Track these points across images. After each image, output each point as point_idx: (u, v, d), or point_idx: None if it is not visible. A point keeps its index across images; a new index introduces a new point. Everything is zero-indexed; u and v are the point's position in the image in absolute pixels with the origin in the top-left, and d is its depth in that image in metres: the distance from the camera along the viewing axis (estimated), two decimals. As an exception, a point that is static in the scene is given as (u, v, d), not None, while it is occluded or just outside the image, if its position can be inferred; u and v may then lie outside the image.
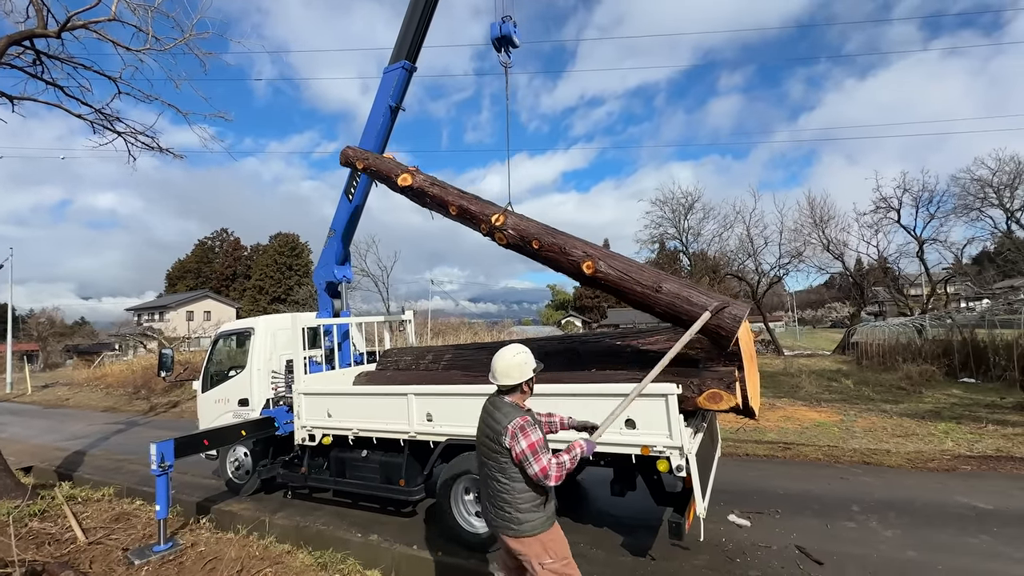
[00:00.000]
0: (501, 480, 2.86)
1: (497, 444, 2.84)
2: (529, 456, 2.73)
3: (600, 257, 4.50)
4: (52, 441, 12.01)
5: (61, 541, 5.42)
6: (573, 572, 2.92)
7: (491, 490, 2.93)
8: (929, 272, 26.42)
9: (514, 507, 2.82)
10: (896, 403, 10.94)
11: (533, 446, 2.75)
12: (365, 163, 6.03)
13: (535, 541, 2.83)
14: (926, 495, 5.61)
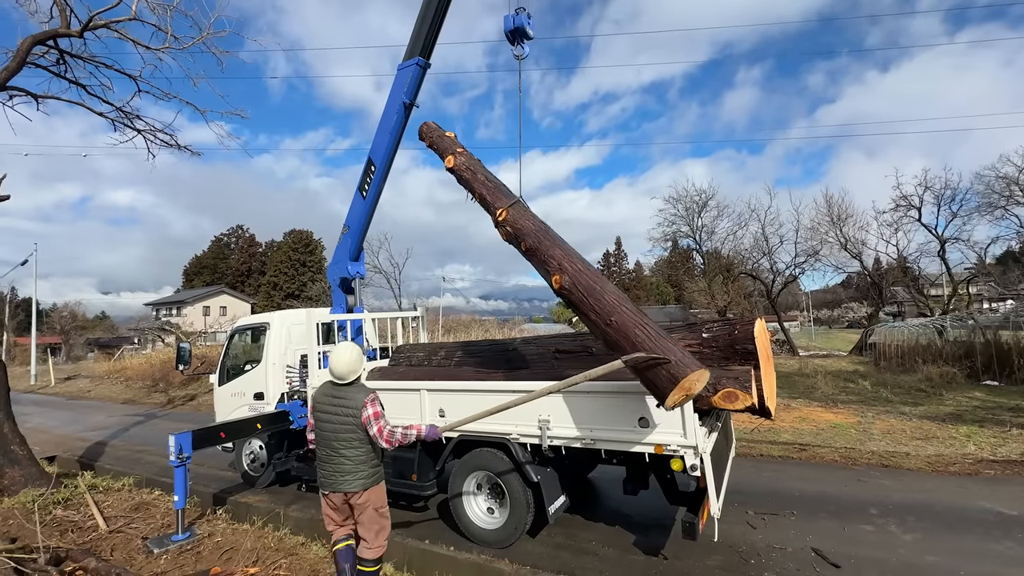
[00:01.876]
0: (357, 446, 3.68)
1: (356, 417, 3.63)
2: (373, 421, 3.61)
3: (571, 273, 4.21)
4: (74, 432, 12.32)
5: (83, 529, 5.57)
6: (388, 517, 3.92)
7: (344, 456, 3.68)
8: (951, 272, 25.77)
9: (368, 465, 3.73)
10: (916, 405, 10.71)
11: (377, 414, 3.66)
12: (431, 139, 6.04)
13: (374, 491, 3.78)
14: (947, 499, 5.49)
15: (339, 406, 3.70)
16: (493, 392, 4.90)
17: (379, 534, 3.82)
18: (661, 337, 3.73)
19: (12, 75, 7.73)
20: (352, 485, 3.67)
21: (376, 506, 3.80)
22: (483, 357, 6.43)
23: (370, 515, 3.77)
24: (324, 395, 3.83)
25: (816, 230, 26.78)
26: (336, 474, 3.69)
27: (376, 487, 3.81)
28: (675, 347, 3.70)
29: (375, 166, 7.02)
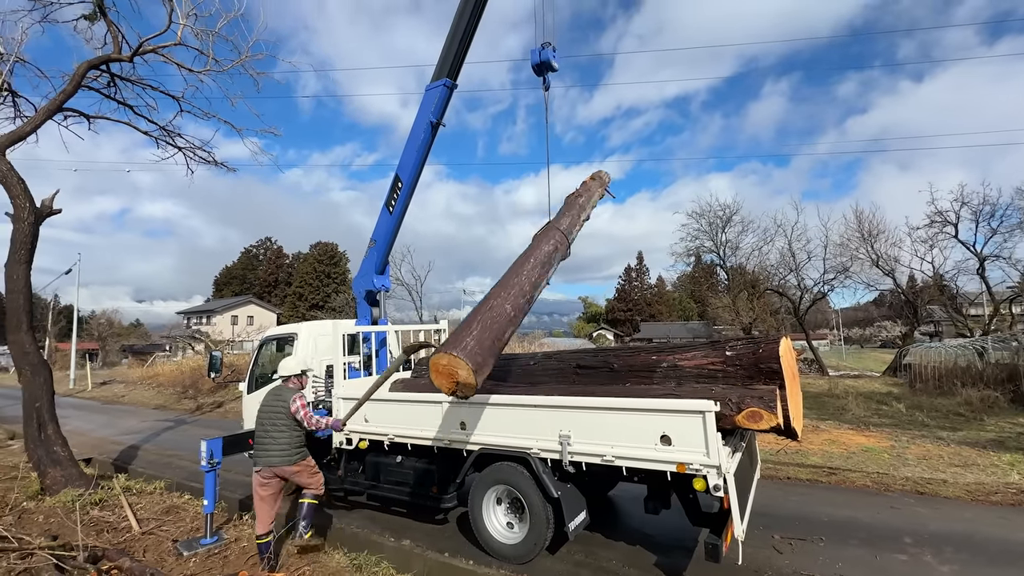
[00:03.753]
0: (285, 431, 4.86)
1: (285, 408, 4.88)
2: (300, 411, 4.86)
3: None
4: (109, 435, 12.80)
5: (118, 529, 5.79)
6: (318, 473, 5.17)
7: (274, 439, 4.85)
8: (991, 291, 24.67)
9: (292, 445, 4.89)
10: (954, 430, 10.25)
11: (304, 406, 4.90)
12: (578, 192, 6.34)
13: (303, 465, 5.01)
14: (987, 530, 5.23)
15: (276, 395, 5.01)
16: (514, 406, 4.94)
17: (315, 481, 5.10)
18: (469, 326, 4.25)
19: (68, 97, 8.28)
20: (287, 460, 4.88)
21: (308, 466, 5.08)
22: (504, 371, 6.49)
23: (304, 473, 5.05)
24: (275, 388, 5.18)
25: (846, 246, 26.08)
26: (271, 450, 4.85)
27: (304, 460, 5.06)
28: (475, 337, 4.06)
29: (402, 182, 7.23)
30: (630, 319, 68.98)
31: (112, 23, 8.45)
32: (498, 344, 4.26)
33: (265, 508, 4.86)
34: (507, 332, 4.42)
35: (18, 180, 7.40)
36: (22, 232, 7.29)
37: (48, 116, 8.21)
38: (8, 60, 8.41)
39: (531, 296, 4.79)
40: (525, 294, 4.72)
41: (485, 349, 4.08)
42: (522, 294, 4.69)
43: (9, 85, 8.68)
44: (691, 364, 4.96)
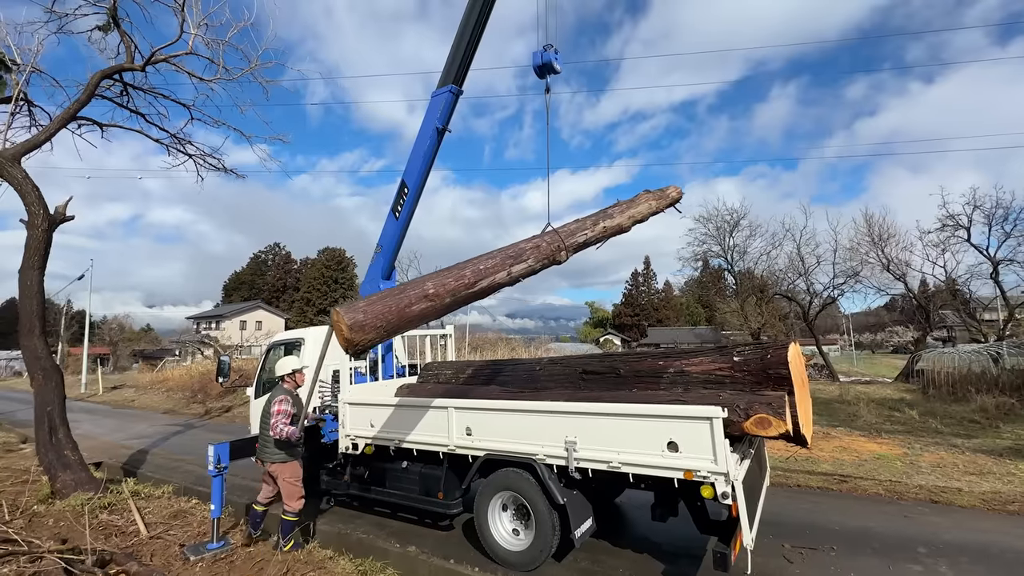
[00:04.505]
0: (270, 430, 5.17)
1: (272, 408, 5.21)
2: (275, 415, 5.12)
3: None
4: (119, 439, 12.91)
5: (126, 533, 5.82)
6: (300, 486, 5.33)
7: (266, 437, 5.23)
8: (1006, 295, 24.26)
9: (275, 445, 5.20)
10: (969, 437, 10.06)
11: (279, 411, 5.14)
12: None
13: (286, 467, 5.26)
14: (1005, 540, 5.11)
15: (270, 399, 5.33)
16: (520, 411, 4.92)
17: (290, 498, 5.24)
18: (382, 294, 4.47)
19: (82, 106, 8.44)
20: (270, 458, 5.25)
21: (285, 478, 5.24)
22: (510, 376, 6.48)
23: (283, 484, 5.25)
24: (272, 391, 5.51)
25: (856, 250, 25.81)
26: (262, 447, 5.33)
27: (285, 464, 5.26)
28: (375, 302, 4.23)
29: (408, 188, 7.27)
30: (637, 324, 68.65)
31: (125, 33, 8.62)
32: (395, 315, 4.18)
33: (265, 487, 5.50)
34: (415, 307, 4.28)
35: (33, 187, 7.53)
36: (36, 238, 7.41)
37: (62, 125, 8.36)
38: (24, 70, 8.59)
39: (472, 283, 4.53)
40: (462, 279, 4.51)
41: (373, 314, 4.10)
42: (458, 278, 4.50)
43: (25, 94, 8.85)
44: (698, 370, 4.92)
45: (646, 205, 5.74)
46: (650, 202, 5.78)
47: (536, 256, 4.97)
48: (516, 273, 4.93)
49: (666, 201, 5.91)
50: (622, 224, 5.51)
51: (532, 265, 4.97)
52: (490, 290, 4.84)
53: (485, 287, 4.70)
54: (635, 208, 5.67)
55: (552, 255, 4.95)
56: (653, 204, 5.79)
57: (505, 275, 4.80)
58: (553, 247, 4.95)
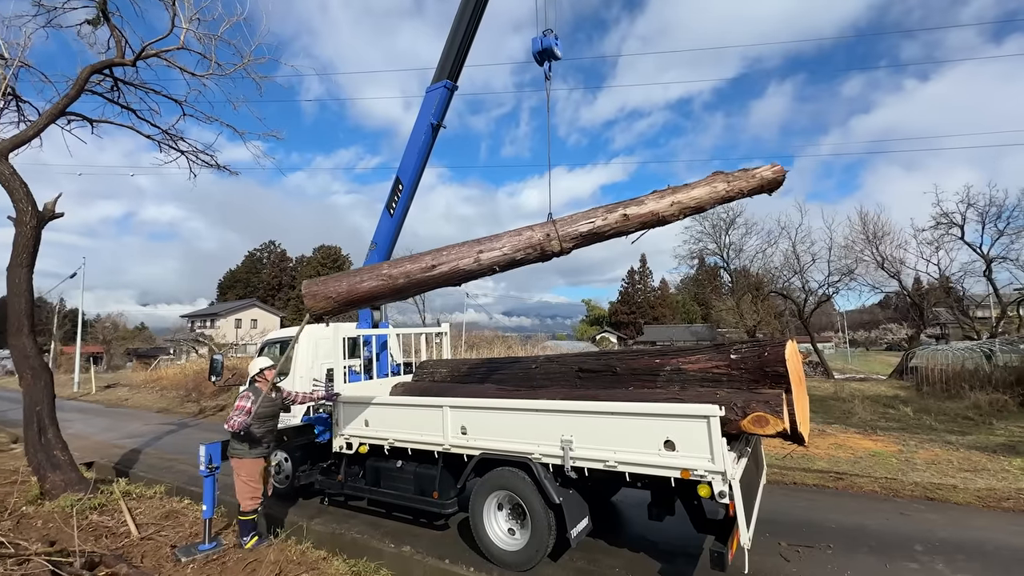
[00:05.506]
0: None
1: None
2: (233, 409, 5.12)
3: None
4: (111, 439, 12.78)
5: (117, 535, 5.74)
6: (256, 485, 5.25)
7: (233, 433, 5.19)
8: (998, 293, 24.44)
9: (235, 440, 5.25)
10: (963, 434, 10.10)
11: (239, 406, 5.10)
12: None
13: (239, 464, 5.24)
14: (1001, 537, 5.11)
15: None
16: (516, 410, 4.87)
17: (243, 497, 5.22)
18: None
19: (71, 101, 8.30)
20: (230, 452, 5.31)
21: (240, 475, 5.23)
22: (506, 374, 6.43)
23: (237, 481, 5.25)
24: None
25: (851, 248, 25.96)
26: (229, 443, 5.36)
27: (242, 460, 5.23)
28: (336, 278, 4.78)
29: (403, 185, 7.21)
30: (633, 322, 68.77)
31: (115, 27, 8.47)
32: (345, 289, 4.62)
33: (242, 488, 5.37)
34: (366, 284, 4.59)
35: (20, 184, 7.40)
36: (24, 236, 7.28)
37: (51, 120, 8.22)
38: (12, 64, 8.44)
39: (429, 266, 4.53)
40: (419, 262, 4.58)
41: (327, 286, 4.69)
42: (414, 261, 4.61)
43: (13, 89, 8.70)
44: (695, 368, 4.89)
45: (706, 189, 4.52)
46: (716, 185, 4.54)
47: (515, 244, 4.47)
48: (485, 261, 4.49)
49: (751, 183, 4.59)
50: (660, 212, 4.44)
51: (508, 253, 4.48)
52: (452, 276, 4.56)
53: (445, 272, 4.51)
54: (684, 193, 4.49)
55: (540, 244, 4.42)
56: (722, 189, 4.54)
57: (471, 262, 4.48)
58: (540, 235, 4.42)
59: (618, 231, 4.52)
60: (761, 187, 4.66)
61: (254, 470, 5.27)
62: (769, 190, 4.72)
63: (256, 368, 5.62)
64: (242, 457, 5.26)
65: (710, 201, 4.54)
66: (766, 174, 4.63)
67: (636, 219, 4.46)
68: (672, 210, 4.45)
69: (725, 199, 4.58)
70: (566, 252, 4.56)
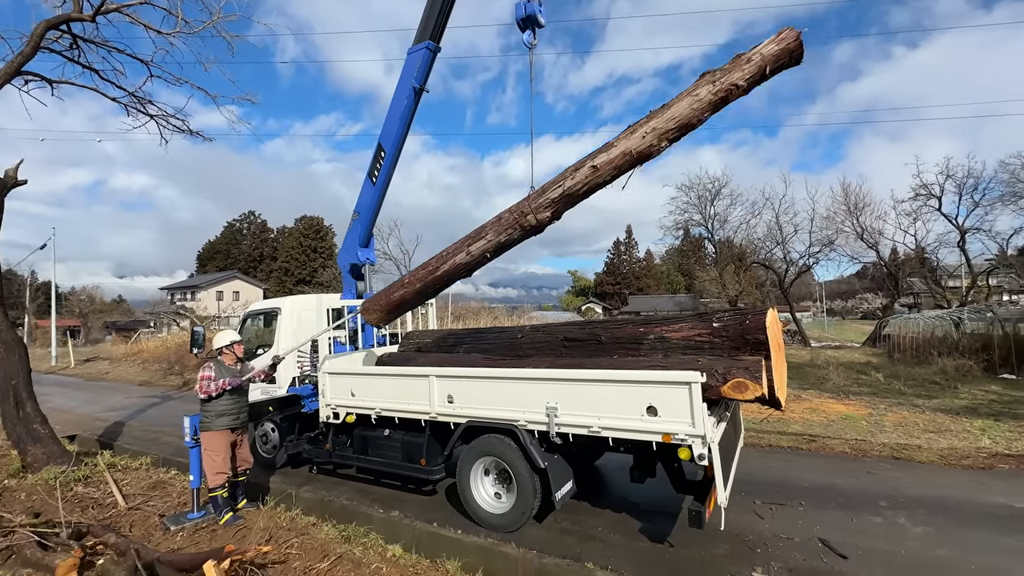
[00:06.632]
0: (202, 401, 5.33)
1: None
2: (199, 381, 5.27)
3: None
4: (93, 412, 12.65)
5: (103, 505, 5.74)
6: (221, 459, 5.24)
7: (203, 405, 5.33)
8: (970, 263, 25.18)
9: (204, 411, 5.30)
10: (929, 398, 10.57)
11: (204, 377, 5.27)
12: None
13: (205, 436, 5.26)
14: (960, 493, 5.43)
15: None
16: (502, 379, 4.92)
17: (209, 471, 5.23)
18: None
19: (27, 60, 7.78)
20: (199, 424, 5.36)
21: (205, 448, 5.28)
22: (492, 343, 6.46)
23: (203, 455, 5.29)
24: None
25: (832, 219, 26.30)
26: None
27: (207, 433, 5.26)
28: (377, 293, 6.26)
29: (385, 152, 7.00)
30: (619, 293, 69.46)
31: (70, -22, 7.88)
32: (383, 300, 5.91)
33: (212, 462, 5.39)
34: (395, 294, 5.76)
35: (-23, 148, 7.00)
36: (-15, 204, 6.94)
37: (6, 80, 7.71)
38: (-42, 18, 7.83)
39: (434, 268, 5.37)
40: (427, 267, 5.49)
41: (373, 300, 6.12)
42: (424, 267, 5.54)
43: (-39, 47, 8.11)
44: (678, 336, 4.96)
45: (687, 102, 3.84)
46: (698, 92, 3.81)
47: (497, 229, 4.83)
48: (476, 251, 4.99)
49: (748, 71, 3.70)
50: (634, 149, 3.97)
51: (493, 239, 4.86)
52: (454, 272, 5.27)
53: (448, 270, 5.27)
54: (660, 117, 3.92)
55: (517, 222, 4.66)
56: (707, 93, 3.78)
57: (464, 256, 5.08)
58: (516, 214, 4.67)
59: (593, 184, 4.30)
60: (763, 70, 3.70)
61: (218, 443, 5.23)
62: (783, 66, 3.70)
63: (225, 341, 5.55)
64: (208, 429, 5.24)
65: (696, 114, 3.84)
66: (768, 51, 3.66)
67: (608, 166, 4.16)
68: (648, 141, 3.96)
69: (717, 104, 3.82)
70: (547, 221, 4.60)
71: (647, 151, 4.00)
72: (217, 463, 5.21)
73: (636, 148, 4.01)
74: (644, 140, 3.98)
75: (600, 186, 4.30)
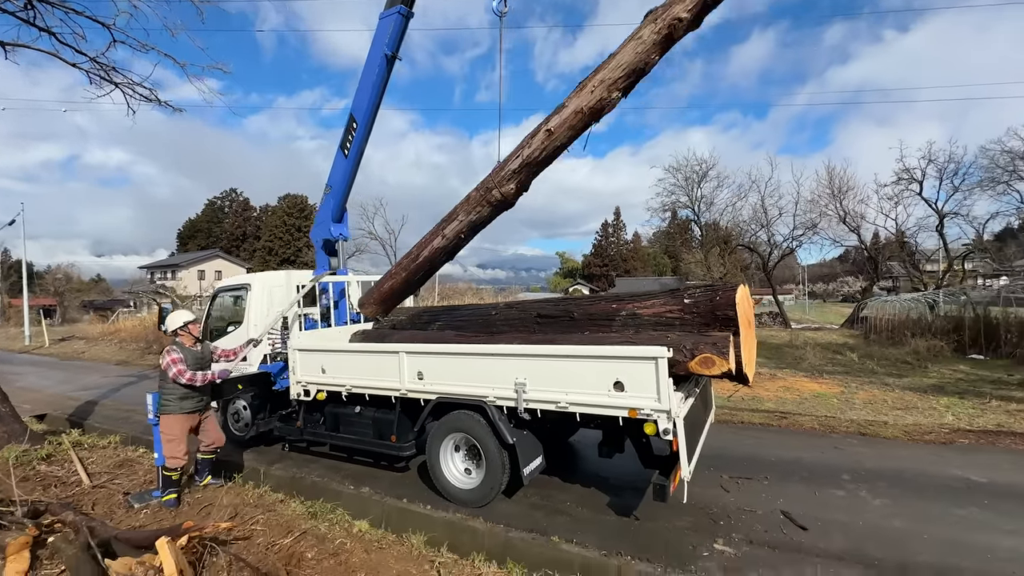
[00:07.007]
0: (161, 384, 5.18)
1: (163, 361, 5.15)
2: (171, 367, 5.04)
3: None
4: (66, 391, 12.38)
5: (67, 484, 5.63)
6: (178, 443, 5.07)
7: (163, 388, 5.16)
8: (947, 247, 25.68)
9: (161, 395, 5.14)
10: (900, 377, 10.82)
11: (173, 360, 5.05)
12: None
13: (163, 419, 5.12)
14: (919, 466, 5.56)
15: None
16: (471, 355, 4.87)
17: (168, 454, 5.07)
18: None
19: (-27, 19, 7.30)
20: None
21: (163, 431, 5.14)
22: (466, 320, 6.39)
23: (162, 438, 5.15)
24: None
25: (816, 202, 26.51)
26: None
27: (164, 417, 5.13)
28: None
29: (357, 123, 6.77)
30: (606, 274, 69.72)
31: (17, -69, 7.36)
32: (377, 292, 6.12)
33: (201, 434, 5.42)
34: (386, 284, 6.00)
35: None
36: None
37: (-49, 40, 7.25)
38: None
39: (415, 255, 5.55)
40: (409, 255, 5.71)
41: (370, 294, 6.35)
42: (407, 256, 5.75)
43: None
44: (650, 312, 4.93)
45: (631, 47, 3.79)
46: (641, 35, 3.81)
47: (466, 209, 4.84)
48: (450, 234, 5.04)
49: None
50: (586, 106, 3.95)
51: (464, 219, 4.88)
52: (435, 257, 5.33)
53: (428, 256, 5.34)
54: (607, 68, 3.83)
55: (483, 199, 4.66)
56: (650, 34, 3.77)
57: (440, 240, 5.14)
58: (482, 191, 4.69)
59: (551, 149, 4.24)
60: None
61: (176, 427, 5.10)
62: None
63: (178, 322, 5.37)
64: (166, 412, 5.11)
65: (642, 57, 3.74)
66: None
67: (562, 128, 4.11)
68: (598, 94, 3.89)
69: (663, 43, 3.75)
70: (512, 193, 4.55)
71: (598, 105, 3.94)
72: (174, 447, 5.06)
73: (587, 104, 3.96)
74: (593, 95, 3.92)
75: (559, 149, 4.25)
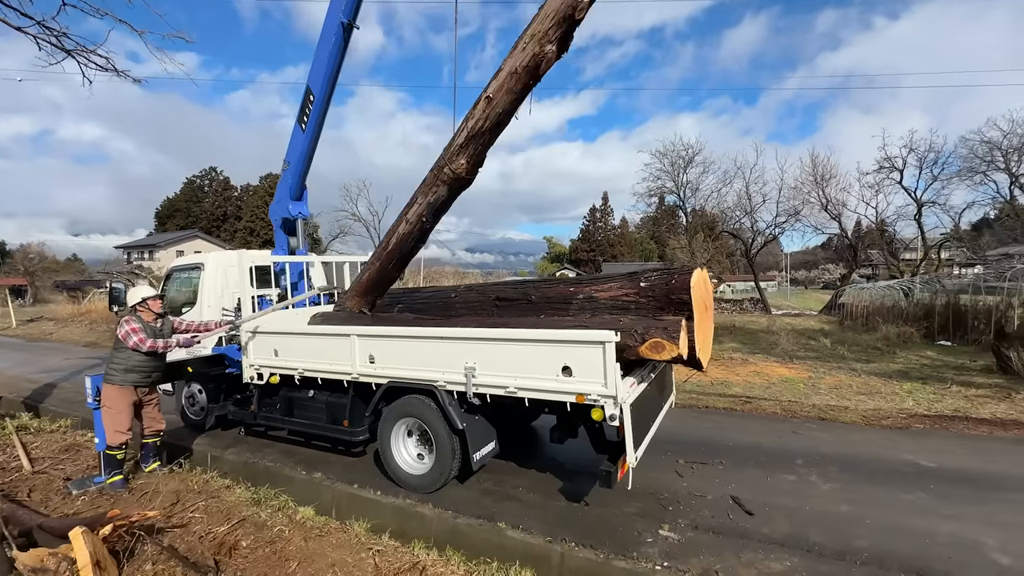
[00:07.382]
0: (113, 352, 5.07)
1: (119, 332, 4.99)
2: (131, 336, 4.90)
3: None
4: (26, 373, 12.01)
5: (7, 469, 5.42)
6: (121, 416, 4.93)
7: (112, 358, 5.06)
8: (924, 236, 26.04)
9: (108, 364, 5.04)
10: (868, 362, 10.97)
11: (133, 330, 4.94)
12: None
13: (107, 388, 4.99)
14: (872, 451, 5.61)
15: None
16: (422, 338, 4.72)
17: (107, 427, 4.92)
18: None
19: None
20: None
21: (104, 402, 4.99)
22: (425, 303, 6.25)
23: (102, 408, 5.00)
24: None
25: (799, 190, 26.66)
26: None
27: (107, 386, 4.99)
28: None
29: (314, 96, 6.48)
30: (593, 259, 69.83)
31: None
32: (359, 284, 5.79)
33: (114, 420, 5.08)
34: (366, 275, 5.70)
35: None
36: None
37: None
38: None
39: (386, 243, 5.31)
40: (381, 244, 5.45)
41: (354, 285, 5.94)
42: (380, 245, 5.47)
43: None
44: (606, 295, 4.83)
45: None
46: None
47: (424, 191, 4.74)
48: (412, 217, 4.93)
49: None
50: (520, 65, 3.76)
51: (423, 202, 4.78)
52: (403, 243, 5.17)
53: (397, 243, 5.17)
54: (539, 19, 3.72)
55: (436, 178, 4.59)
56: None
57: (404, 226, 5.02)
58: (435, 171, 4.61)
59: (494, 117, 4.08)
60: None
61: (120, 399, 4.95)
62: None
63: (139, 297, 5.19)
64: (111, 382, 4.94)
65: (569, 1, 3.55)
66: None
67: (501, 92, 3.96)
68: (530, 50, 3.70)
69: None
70: (464, 169, 4.42)
71: (533, 63, 3.78)
72: (117, 420, 4.90)
73: (520, 64, 3.81)
74: (526, 52, 3.77)
75: (503, 116, 4.10)
